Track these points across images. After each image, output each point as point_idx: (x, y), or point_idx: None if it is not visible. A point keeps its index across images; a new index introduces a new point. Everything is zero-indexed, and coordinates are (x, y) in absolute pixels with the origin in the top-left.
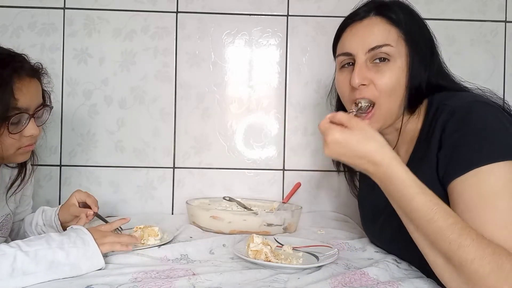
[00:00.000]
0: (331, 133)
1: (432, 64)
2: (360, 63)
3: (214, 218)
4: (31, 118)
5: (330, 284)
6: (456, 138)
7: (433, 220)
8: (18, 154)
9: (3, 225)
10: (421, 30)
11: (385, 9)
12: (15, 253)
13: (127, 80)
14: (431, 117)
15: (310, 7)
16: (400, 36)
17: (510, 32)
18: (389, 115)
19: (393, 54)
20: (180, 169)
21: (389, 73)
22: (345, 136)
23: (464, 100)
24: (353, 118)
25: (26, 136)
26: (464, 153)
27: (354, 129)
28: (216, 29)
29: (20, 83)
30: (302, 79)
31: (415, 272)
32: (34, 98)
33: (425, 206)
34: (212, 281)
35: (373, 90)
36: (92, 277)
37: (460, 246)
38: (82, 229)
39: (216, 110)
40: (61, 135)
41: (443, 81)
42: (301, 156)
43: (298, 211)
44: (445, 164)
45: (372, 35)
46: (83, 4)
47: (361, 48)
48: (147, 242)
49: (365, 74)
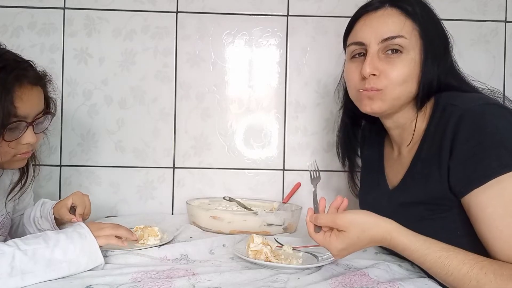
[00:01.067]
0: (332, 246)
1: (444, 61)
2: (372, 52)
3: (214, 218)
4: (29, 126)
5: (330, 284)
6: (470, 147)
7: (449, 274)
8: (14, 161)
9: (3, 224)
10: (436, 26)
11: (401, 1)
12: (13, 252)
13: (127, 80)
14: (438, 117)
15: (310, 7)
16: (415, 28)
17: (510, 32)
18: (397, 102)
19: (406, 46)
20: (180, 169)
21: (401, 65)
22: (345, 241)
23: (473, 102)
24: (337, 218)
25: (23, 144)
26: (481, 162)
27: (347, 228)
28: (216, 29)
29: (21, 91)
30: (302, 79)
31: (417, 273)
32: (34, 106)
33: (437, 263)
34: (212, 281)
35: (382, 81)
36: (92, 277)
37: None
38: (80, 224)
39: (216, 110)
40: (61, 135)
41: (453, 80)
42: (301, 156)
43: (298, 211)
44: (459, 173)
45: (386, 25)
46: (83, 4)
47: (374, 38)
48: (147, 242)
49: (377, 64)
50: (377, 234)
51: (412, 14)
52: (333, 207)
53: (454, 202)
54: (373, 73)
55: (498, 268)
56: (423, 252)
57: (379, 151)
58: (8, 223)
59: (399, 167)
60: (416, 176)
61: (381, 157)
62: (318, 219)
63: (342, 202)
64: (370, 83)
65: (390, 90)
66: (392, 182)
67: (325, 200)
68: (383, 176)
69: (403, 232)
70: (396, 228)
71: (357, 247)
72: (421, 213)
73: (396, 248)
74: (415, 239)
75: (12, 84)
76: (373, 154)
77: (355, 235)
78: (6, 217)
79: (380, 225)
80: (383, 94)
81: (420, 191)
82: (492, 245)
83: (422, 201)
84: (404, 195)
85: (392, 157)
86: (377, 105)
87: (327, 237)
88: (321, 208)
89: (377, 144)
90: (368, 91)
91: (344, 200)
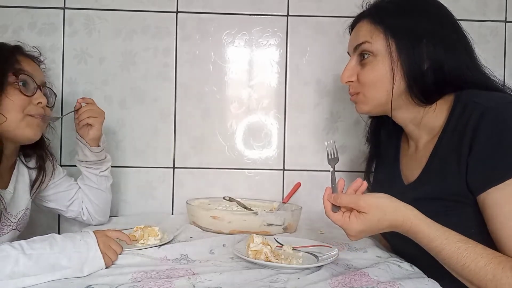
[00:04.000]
0: (351, 227)
1: (436, 55)
2: (350, 62)
3: (214, 218)
4: (38, 88)
5: (330, 284)
6: (490, 145)
7: (466, 265)
8: (25, 124)
9: (22, 219)
10: (417, 22)
11: (375, 9)
12: (17, 256)
13: (127, 80)
14: (458, 113)
15: (310, 7)
16: (382, 32)
17: (510, 32)
18: (379, 101)
19: (374, 49)
20: (180, 169)
21: (371, 68)
22: (366, 223)
23: (496, 100)
24: (361, 199)
25: (35, 103)
26: (501, 160)
27: (369, 210)
28: (216, 29)
29: (21, 58)
30: (302, 79)
31: (417, 273)
32: (37, 71)
33: (455, 254)
34: (212, 281)
35: (358, 86)
36: (92, 277)
37: (498, 284)
38: (89, 232)
39: (216, 110)
40: (61, 135)
41: (472, 77)
42: (301, 156)
43: (298, 211)
44: (478, 171)
45: (357, 35)
46: (83, 4)
47: (351, 48)
48: (147, 242)
49: (352, 72)
50: (397, 219)
51: (380, 20)
52: (352, 189)
53: (469, 199)
54: (348, 80)
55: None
56: (441, 242)
57: (396, 147)
58: (26, 219)
59: (415, 163)
60: (433, 172)
61: (397, 153)
62: (339, 198)
63: (361, 185)
64: (350, 89)
65: (366, 93)
66: (407, 178)
67: (344, 181)
68: (399, 172)
69: (424, 220)
70: (417, 215)
71: (375, 230)
72: (436, 209)
73: (416, 236)
74: (435, 228)
75: (12, 52)
76: (390, 150)
77: (376, 218)
78: (25, 213)
79: (401, 210)
80: (362, 96)
81: (437, 187)
82: (505, 244)
83: (438, 197)
84: (419, 191)
85: (408, 153)
86: (361, 108)
87: (346, 217)
88: (340, 188)
89: (394, 139)
90: (352, 95)
91: (364, 183)
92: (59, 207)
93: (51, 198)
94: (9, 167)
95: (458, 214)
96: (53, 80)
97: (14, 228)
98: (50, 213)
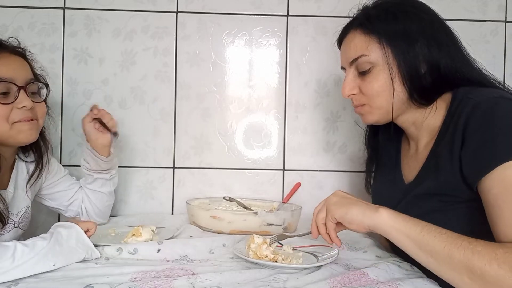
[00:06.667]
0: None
1: (431, 55)
2: (348, 75)
3: (214, 218)
4: (20, 89)
5: (330, 284)
6: (479, 137)
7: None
8: (16, 131)
9: (23, 218)
10: (409, 25)
11: (364, 18)
12: (14, 243)
13: (127, 80)
14: (453, 110)
15: (310, 7)
16: (377, 41)
17: (510, 32)
18: (385, 110)
19: (372, 61)
20: (180, 169)
21: (373, 79)
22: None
23: (487, 95)
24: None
25: (19, 108)
26: (489, 151)
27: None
28: (216, 29)
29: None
30: (302, 79)
31: (416, 273)
32: (18, 71)
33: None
34: (212, 281)
35: (362, 97)
36: (92, 277)
37: (473, 252)
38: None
39: (216, 110)
40: (61, 135)
41: (467, 75)
42: (301, 156)
43: (298, 211)
44: (470, 163)
45: (350, 49)
46: (83, 4)
47: (346, 62)
48: (143, 236)
49: (353, 84)
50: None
51: (371, 29)
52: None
53: (467, 194)
54: (351, 93)
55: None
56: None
57: (397, 148)
58: (28, 217)
59: (415, 163)
60: (430, 169)
61: (398, 154)
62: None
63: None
64: (354, 101)
65: (372, 103)
66: (407, 178)
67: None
68: (400, 173)
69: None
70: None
71: (348, 200)
72: (434, 204)
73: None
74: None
75: None
76: (391, 151)
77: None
78: (26, 211)
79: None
80: (367, 107)
81: (432, 182)
82: (497, 225)
83: (434, 193)
84: (418, 188)
85: (409, 154)
86: (368, 118)
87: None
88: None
89: (394, 140)
90: (356, 107)
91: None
92: (59, 206)
93: (51, 196)
94: (8, 168)
95: (455, 209)
96: (53, 80)
97: (16, 226)
98: (51, 213)
